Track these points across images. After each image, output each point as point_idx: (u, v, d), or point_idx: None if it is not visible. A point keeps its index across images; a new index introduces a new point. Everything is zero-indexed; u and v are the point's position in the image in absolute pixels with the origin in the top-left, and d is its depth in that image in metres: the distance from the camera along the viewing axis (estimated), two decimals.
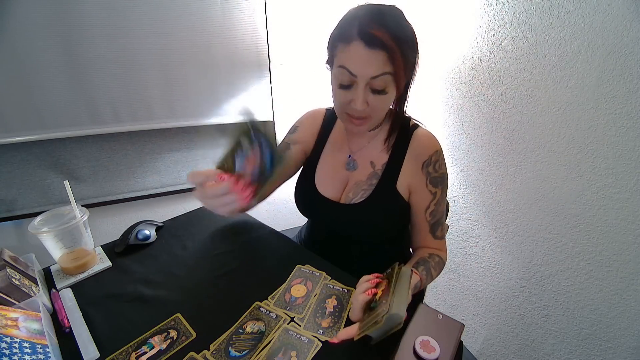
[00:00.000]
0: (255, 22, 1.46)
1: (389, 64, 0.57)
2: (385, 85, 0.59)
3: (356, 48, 0.56)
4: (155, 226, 0.88)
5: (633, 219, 0.80)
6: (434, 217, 0.72)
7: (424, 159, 0.70)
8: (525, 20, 0.96)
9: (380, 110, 0.64)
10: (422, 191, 0.71)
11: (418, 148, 0.71)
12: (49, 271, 0.72)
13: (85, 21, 1.19)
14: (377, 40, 0.55)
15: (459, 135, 1.25)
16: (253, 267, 0.73)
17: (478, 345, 1.31)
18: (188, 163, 1.61)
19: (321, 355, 0.51)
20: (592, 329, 0.93)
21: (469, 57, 1.15)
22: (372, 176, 0.73)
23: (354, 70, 0.58)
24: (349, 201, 0.74)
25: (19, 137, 1.21)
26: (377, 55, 0.56)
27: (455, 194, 1.31)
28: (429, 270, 0.67)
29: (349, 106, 0.63)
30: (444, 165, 0.72)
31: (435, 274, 0.70)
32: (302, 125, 0.85)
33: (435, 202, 0.71)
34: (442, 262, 0.73)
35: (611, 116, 0.81)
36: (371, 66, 0.57)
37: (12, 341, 0.45)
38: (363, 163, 0.75)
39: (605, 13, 0.78)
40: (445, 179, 0.72)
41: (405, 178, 0.71)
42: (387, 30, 0.55)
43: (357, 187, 0.74)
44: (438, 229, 0.74)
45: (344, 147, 0.79)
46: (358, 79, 0.59)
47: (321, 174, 0.80)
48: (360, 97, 0.60)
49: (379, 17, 0.57)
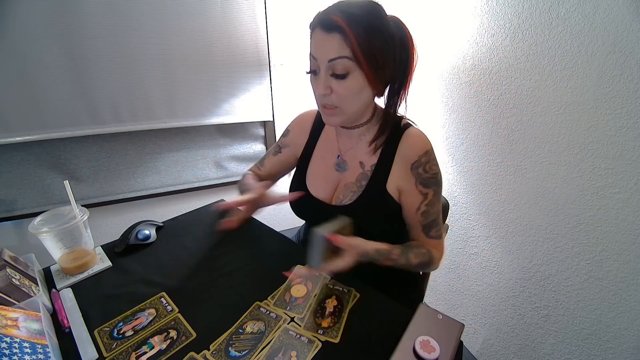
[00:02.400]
0: (256, 22, 1.46)
1: (346, 47, 0.57)
2: (347, 71, 0.59)
3: (317, 33, 0.60)
4: (155, 226, 0.88)
5: (633, 219, 0.80)
6: (426, 218, 0.71)
7: (413, 160, 0.68)
8: (525, 20, 0.96)
9: (345, 98, 0.62)
10: (412, 192, 0.70)
11: (407, 149, 0.69)
12: (49, 271, 0.72)
13: (86, 21, 1.20)
14: (333, 23, 0.56)
15: (459, 135, 1.25)
16: (253, 267, 0.73)
17: (478, 345, 1.31)
18: (188, 163, 1.62)
19: (321, 355, 0.51)
20: (592, 329, 0.93)
21: (469, 57, 1.15)
22: (362, 177, 0.73)
23: (315, 54, 0.61)
24: (339, 203, 0.74)
25: (19, 137, 1.22)
26: (332, 38, 0.57)
27: (455, 194, 1.31)
28: (407, 253, 0.68)
29: (319, 95, 0.64)
30: (435, 165, 0.70)
31: (414, 260, 0.68)
32: (293, 129, 0.86)
33: (427, 203, 0.70)
34: (429, 256, 0.71)
35: (611, 116, 0.81)
36: (328, 49, 0.58)
37: (12, 341, 0.45)
38: (352, 163, 0.75)
39: (605, 13, 0.78)
40: (437, 179, 0.70)
41: (394, 179, 0.70)
42: (343, 15, 0.56)
43: (347, 188, 0.74)
44: (432, 230, 0.72)
45: (334, 147, 0.79)
46: (319, 62, 0.60)
47: (312, 176, 0.80)
48: (322, 80, 0.61)
49: (341, 6, 0.58)
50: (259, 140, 1.76)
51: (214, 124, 1.56)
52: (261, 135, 1.76)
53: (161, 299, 0.64)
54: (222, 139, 1.66)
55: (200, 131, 1.59)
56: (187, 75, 1.42)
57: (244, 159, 1.75)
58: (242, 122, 1.66)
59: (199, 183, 1.67)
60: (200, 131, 1.59)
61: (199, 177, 1.67)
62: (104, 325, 0.58)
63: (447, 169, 1.33)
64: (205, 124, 1.54)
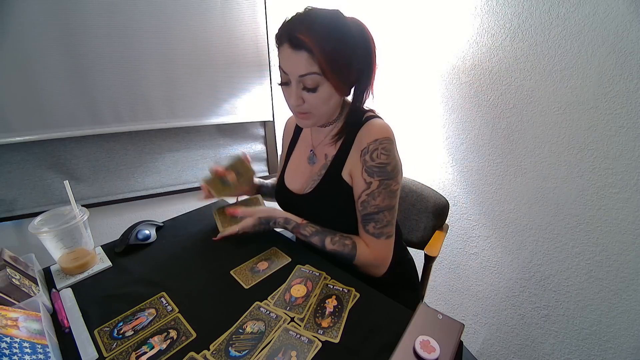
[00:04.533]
0: (256, 22, 1.46)
1: (314, 63, 0.61)
2: (316, 84, 0.64)
3: (285, 49, 0.63)
4: (155, 226, 0.88)
5: (633, 219, 0.80)
6: (364, 209, 0.69)
7: (363, 147, 0.69)
8: (525, 20, 0.96)
9: (317, 106, 0.67)
10: (358, 179, 0.70)
11: (362, 136, 0.71)
12: (49, 271, 0.72)
13: (86, 21, 1.19)
14: (300, 42, 0.60)
15: (459, 135, 1.25)
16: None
17: (478, 345, 1.31)
18: (188, 163, 1.61)
19: (321, 355, 0.51)
20: (592, 329, 0.93)
21: (469, 57, 1.15)
22: (322, 167, 0.77)
23: (285, 68, 0.65)
24: (304, 192, 0.79)
25: (19, 137, 1.21)
26: (301, 56, 0.61)
27: (455, 194, 1.31)
28: (323, 234, 0.73)
29: (292, 105, 0.69)
30: (384, 155, 0.67)
31: (329, 246, 0.72)
32: (284, 131, 0.96)
33: (368, 193, 0.68)
34: (349, 249, 0.70)
35: (611, 116, 0.81)
36: (297, 65, 0.62)
37: (12, 341, 0.45)
38: (320, 156, 0.79)
39: (605, 13, 0.78)
40: (384, 170, 0.67)
41: (348, 166, 0.72)
42: (309, 33, 0.60)
43: (311, 178, 0.79)
44: (370, 224, 0.70)
45: (309, 143, 0.84)
46: (290, 76, 0.64)
47: (290, 169, 0.87)
48: (293, 94, 0.66)
49: (305, 22, 0.62)
50: (259, 140, 1.76)
51: (214, 124, 1.56)
52: (261, 135, 1.76)
53: (161, 299, 0.64)
54: (222, 139, 1.66)
55: (200, 131, 1.58)
56: (187, 75, 1.42)
57: None
58: (242, 122, 1.66)
59: (199, 183, 1.66)
60: (200, 131, 1.58)
61: (199, 177, 1.67)
62: (104, 325, 0.58)
63: (447, 169, 1.33)
64: (205, 124, 1.53)
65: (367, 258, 0.71)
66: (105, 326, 0.58)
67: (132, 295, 0.65)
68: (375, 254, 0.71)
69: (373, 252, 0.71)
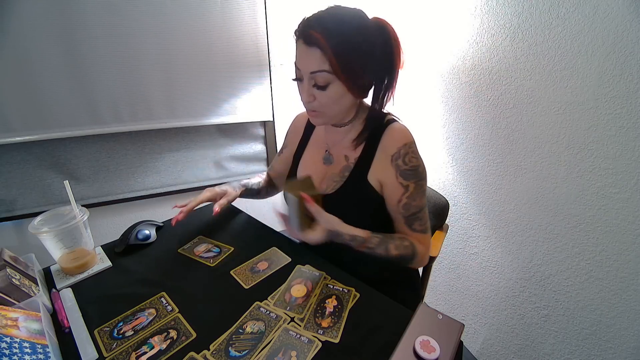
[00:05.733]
0: (256, 22, 1.46)
1: (325, 61, 0.61)
2: (327, 82, 0.63)
3: (300, 45, 0.63)
4: (155, 226, 0.88)
5: (633, 219, 0.80)
6: (407, 210, 0.72)
7: (393, 152, 0.70)
8: (525, 20, 0.96)
9: (327, 105, 0.67)
10: (394, 184, 0.71)
11: (388, 141, 0.71)
12: (49, 271, 0.72)
13: (86, 21, 1.20)
14: (313, 38, 0.60)
15: (458, 135, 1.25)
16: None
17: (478, 345, 1.31)
18: (188, 163, 1.62)
19: (321, 355, 0.51)
20: (592, 329, 0.93)
21: (469, 57, 1.15)
22: (345, 169, 0.76)
23: (298, 64, 0.65)
24: (323, 192, 0.77)
25: (20, 137, 1.22)
26: (313, 53, 0.61)
27: (455, 194, 1.31)
28: (386, 243, 0.70)
29: (304, 101, 0.69)
30: (415, 158, 0.70)
31: (394, 251, 0.70)
32: (290, 129, 0.94)
33: (408, 196, 0.71)
34: (412, 249, 0.72)
35: (611, 116, 0.81)
36: (309, 62, 0.62)
37: (12, 341, 0.45)
38: (338, 157, 0.78)
39: (605, 13, 0.78)
40: (417, 172, 0.71)
41: (375, 171, 0.72)
42: (323, 31, 0.59)
43: (331, 179, 0.78)
44: (415, 222, 0.73)
45: (323, 143, 0.83)
46: (302, 72, 0.65)
47: (302, 169, 0.85)
48: (305, 90, 0.66)
49: (322, 19, 0.62)
50: (259, 140, 1.76)
51: (214, 124, 1.56)
52: (261, 135, 1.76)
53: (161, 299, 0.64)
54: (222, 139, 1.66)
55: (200, 131, 1.59)
56: (187, 75, 1.42)
57: (244, 159, 1.75)
58: (242, 122, 1.66)
59: (199, 183, 1.66)
60: (200, 131, 1.59)
61: (199, 177, 1.67)
62: (104, 325, 0.58)
63: (447, 169, 1.33)
64: (206, 124, 1.54)
65: (423, 253, 0.74)
66: (105, 326, 0.58)
67: (132, 295, 0.65)
68: (427, 248, 0.76)
69: (425, 246, 0.75)
